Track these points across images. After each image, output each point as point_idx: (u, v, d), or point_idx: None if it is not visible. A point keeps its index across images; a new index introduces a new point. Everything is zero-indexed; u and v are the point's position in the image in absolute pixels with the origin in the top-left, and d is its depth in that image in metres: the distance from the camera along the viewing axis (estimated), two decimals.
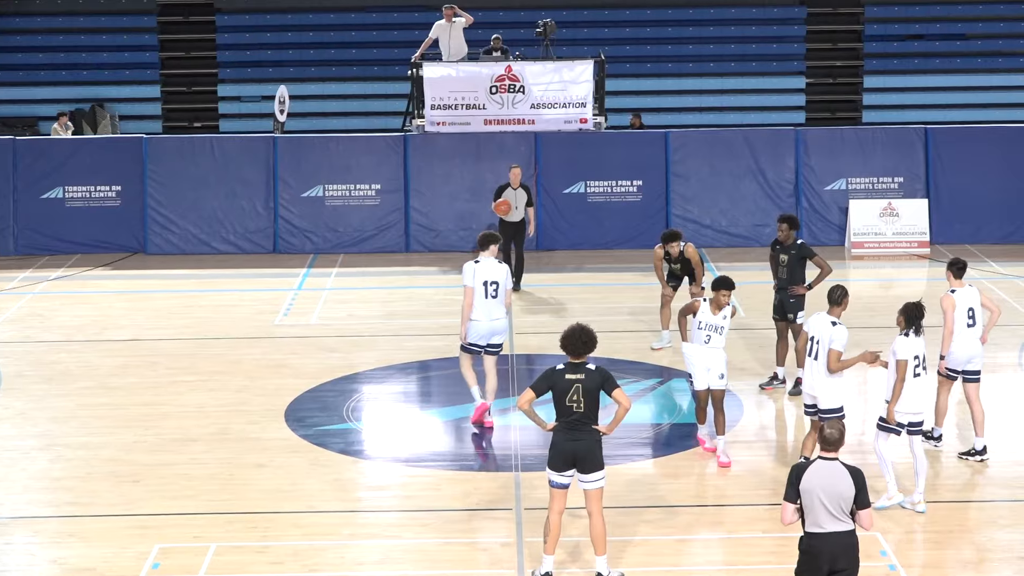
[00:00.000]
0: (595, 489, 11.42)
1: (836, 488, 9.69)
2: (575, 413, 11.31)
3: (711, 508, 13.38)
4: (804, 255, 16.87)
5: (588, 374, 11.34)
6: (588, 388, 11.30)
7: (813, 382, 13.62)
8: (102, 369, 18.48)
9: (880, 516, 11.82)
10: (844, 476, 9.73)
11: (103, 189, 27.08)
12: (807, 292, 16.87)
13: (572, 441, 11.34)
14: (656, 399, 16.93)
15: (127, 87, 33.37)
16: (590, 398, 11.31)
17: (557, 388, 11.34)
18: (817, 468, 9.76)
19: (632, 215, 26.99)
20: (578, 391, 11.28)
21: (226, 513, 13.24)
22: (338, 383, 17.68)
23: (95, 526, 13.03)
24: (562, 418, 11.38)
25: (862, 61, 33.61)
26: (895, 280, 24.71)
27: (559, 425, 11.41)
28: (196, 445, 15.30)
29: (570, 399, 11.30)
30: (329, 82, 33.25)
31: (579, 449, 11.33)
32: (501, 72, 26.17)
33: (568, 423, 11.36)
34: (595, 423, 11.38)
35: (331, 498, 13.70)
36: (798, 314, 16.81)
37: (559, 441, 11.40)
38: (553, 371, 11.41)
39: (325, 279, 24.49)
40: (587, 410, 11.31)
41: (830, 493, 9.68)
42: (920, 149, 27.19)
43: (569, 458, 11.37)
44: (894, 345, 13.29)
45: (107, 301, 22.83)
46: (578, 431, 11.33)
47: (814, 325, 13.68)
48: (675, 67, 33.39)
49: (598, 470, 11.39)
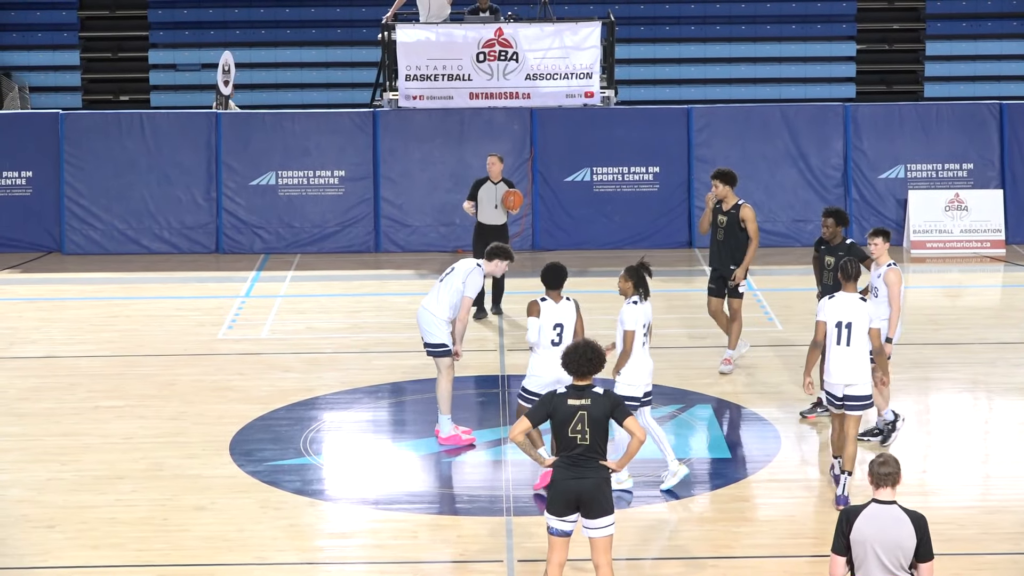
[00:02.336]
0: (603, 537, 11.39)
1: (894, 538, 9.68)
2: (579, 446, 11.24)
3: (741, 560, 13.44)
4: (855, 257, 16.94)
5: (595, 399, 11.30)
6: (595, 416, 11.25)
7: (849, 371, 14.27)
8: (10, 392, 18.50)
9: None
10: (904, 524, 9.71)
11: (10, 176, 27.15)
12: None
13: (575, 479, 11.27)
14: (676, 429, 16.99)
15: (39, 52, 33.42)
16: (597, 428, 11.26)
17: (557, 416, 11.30)
18: (871, 514, 9.75)
19: (647, 208, 27.10)
20: (583, 420, 11.23)
21: (159, 566, 13.26)
22: (293, 409, 17.72)
23: None
24: (564, 452, 11.31)
25: (924, 23, 33.73)
26: (963, 287, 24.81)
27: (560, 461, 11.35)
28: (123, 484, 15.33)
29: (573, 429, 11.23)
30: (283, 47, 33.32)
31: (584, 489, 11.27)
32: (490, 36, 26.26)
33: (570, 458, 11.29)
34: (602, 458, 11.33)
35: (286, 547, 13.74)
36: None
37: (560, 480, 11.33)
38: (553, 395, 11.39)
39: (278, 284, 24.54)
40: (593, 442, 11.25)
41: (886, 544, 9.67)
42: (994, 129, 27.32)
43: (572, 500, 11.31)
44: (621, 315, 14.56)
45: (15, 310, 22.86)
46: (582, 467, 11.27)
47: (838, 309, 14.31)
48: (699, 30, 33.48)
49: (606, 515, 11.35)
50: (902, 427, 16.01)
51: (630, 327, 14.54)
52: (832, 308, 14.31)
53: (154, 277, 25.17)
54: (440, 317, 16.05)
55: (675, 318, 21.92)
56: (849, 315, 14.19)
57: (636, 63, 32.28)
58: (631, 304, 14.62)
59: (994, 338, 20.65)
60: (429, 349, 16.23)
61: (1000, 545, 13.39)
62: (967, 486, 15.01)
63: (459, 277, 16.04)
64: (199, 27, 33.58)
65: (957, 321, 21.74)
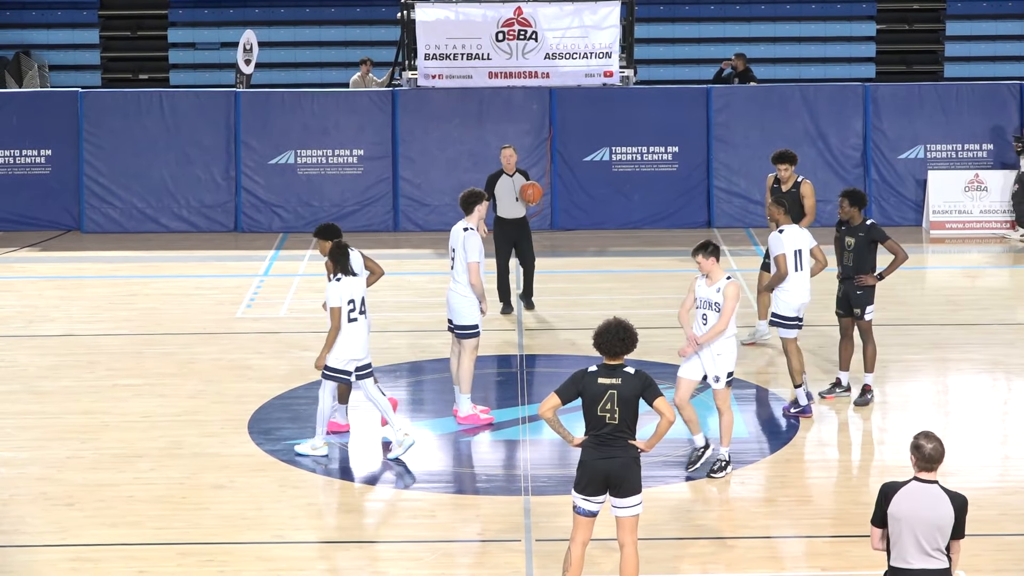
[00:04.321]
0: (630, 517, 11.38)
1: (931, 517, 9.45)
2: (607, 425, 11.25)
3: (761, 541, 13.42)
4: (874, 238, 16.88)
5: (625, 378, 11.28)
6: (625, 396, 11.24)
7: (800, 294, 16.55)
8: (29, 370, 18.53)
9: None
10: (943, 503, 9.48)
11: (30, 154, 27.16)
12: (877, 283, 16.90)
13: (605, 459, 11.26)
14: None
15: (59, 31, 33.44)
16: (627, 408, 11.25)
17: (588, 394, 11.29)
18: (910, 491, 9.54)
19: (666, 188, 27.06)
20: (612, 399, 11.22)
21: (178, 544, 13.27)
22: (312, 388, 17.70)
23: (21, 558, 13.06)
24: (592, 431, 11.31)
25: (944, 3, 33.61)
26: (982, 268, 24.74)
27: (588, 440, 11.35)
28: (142, 462, 15.34)
29: (603, 408, 11.22)
30: (302, 26, 33.31)
31: (613, 469, 11.26)
32: (509, 15, 26.22)
33: (599, 437, 11.28)
34: (631, 437, 11.31)
35: (304, 526, 13.74)
36: (866, 309, 16.83)
37: (589, 460, 11.31)
38: (584, 373, 11.37)
39: (297, 263, 24.55)
40: (622, 422, 11.25)
41: (923, 523, 9.46)
42: (1014, 110, 27.24)
43: (601, 480, 11.29)
44: (327, 292, 15.07)
45: (35, 289, 22.89)
46: (612, 447, 11.26)
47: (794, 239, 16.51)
48: (718, 9, 33.40)
49: (635, 494, 11.34)
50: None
51: (335, 304, 15.05)
52: (786, 240, 16.45)
53: (173, 256, 25.20)
54: (469, 297, 16.11)
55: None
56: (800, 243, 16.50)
57: (655, 43, 32.21)
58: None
59: (1013, 319, 20.60)
60: (458, 331, 16.22)
61: (1018, 526, 13.36)
62: (985, 467, 14.97)
63: (460, 249, 16.21)
64: (218, 5, 33.56)
65: (976, 302, 21.68)
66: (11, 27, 33.17)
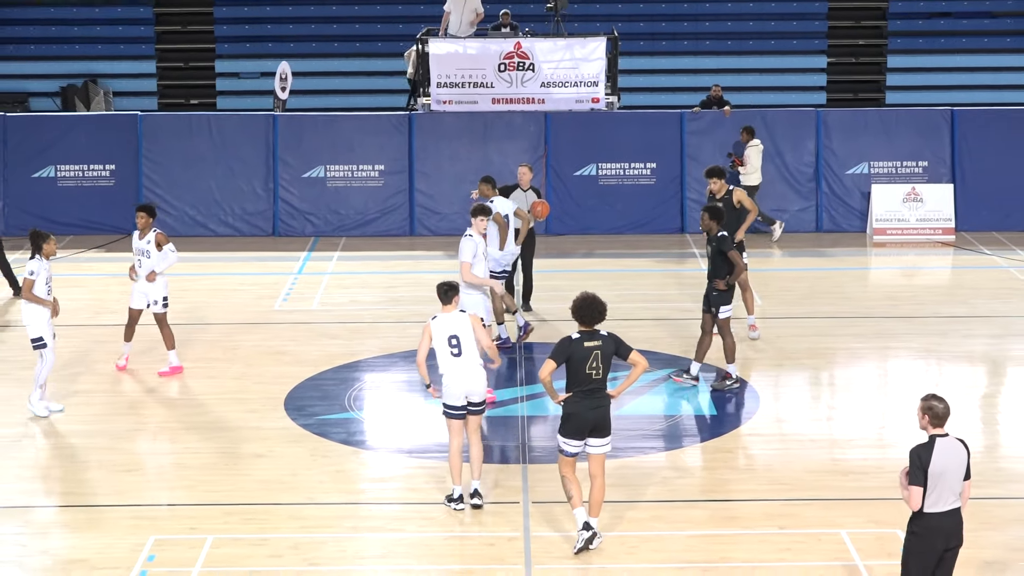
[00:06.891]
0: (603, 453, 12.19)
1: (960, 463, 9.98)
2: (594, 380, 11.97)
3: (725, 503, 13.43)
4: (722, 249, 16.69)
5: (604, 340, 12.02)
6: (606, 353, 11.98)
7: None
8: (94, 354, 18.54)
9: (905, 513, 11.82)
10: (963, 450, 10.05)
11: (96, 168, 27.16)
12: (725, 288, 16.80)
13: (593, 409, 12.01)
14: (669, 390, 16.97)
15: (121, 62, 33.38)
16: (608, 364, 12.01)
17: (576, 356, 11.94)
18: (944, 447, 9.97)
19: (645, 199, 27.04)
20: (597, 357, 11.94)
21: (223, 504, 13.30)
22: (340, 371, 17.74)
23: (88, 516, 13.10)
24: (579, 387, 11.98)
25: (886, 40, 33.58)
26: (919, 268, 24.72)
27: (575, 395, 12.00)
28: (192, 434, 15.37)
29: (590, 366, 11.93)
30: (331, 58, 33.26)
31: (599, 417, 12.04)
32: (510, 49, 26.21)
33: (585, 391, 12.00)
34: (606, 389, 12.10)
35: (332, 490, 13.77)
36: (721, 308, 16.72)
37: (581, 411, 11.99)
38: (570, 340, 12.00)
39: (326, 263, 24.55)
40: (603, 376, 12.03)
41: (955, 470, 9.96)
42: (946, 132, 27.20)
43: (588, 426, 12.02)
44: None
45: (101, 284, 22.90)
46: (596, 398, 12.02)
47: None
48: (691, 44, 33.35)
49: (610, 435, 12.19)
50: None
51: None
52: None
53: (219, 256, 25.19)
54: (473, 294, 16.24)
55: (670, 293, 21.89)
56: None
57: (636, 73, 32.16)
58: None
59: (945, 312, 20.59)
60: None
61: None
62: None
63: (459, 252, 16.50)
64: (259, 40, 33.52)
65: (913, 298, 21.67)
66: (81, 59, 33.12)
